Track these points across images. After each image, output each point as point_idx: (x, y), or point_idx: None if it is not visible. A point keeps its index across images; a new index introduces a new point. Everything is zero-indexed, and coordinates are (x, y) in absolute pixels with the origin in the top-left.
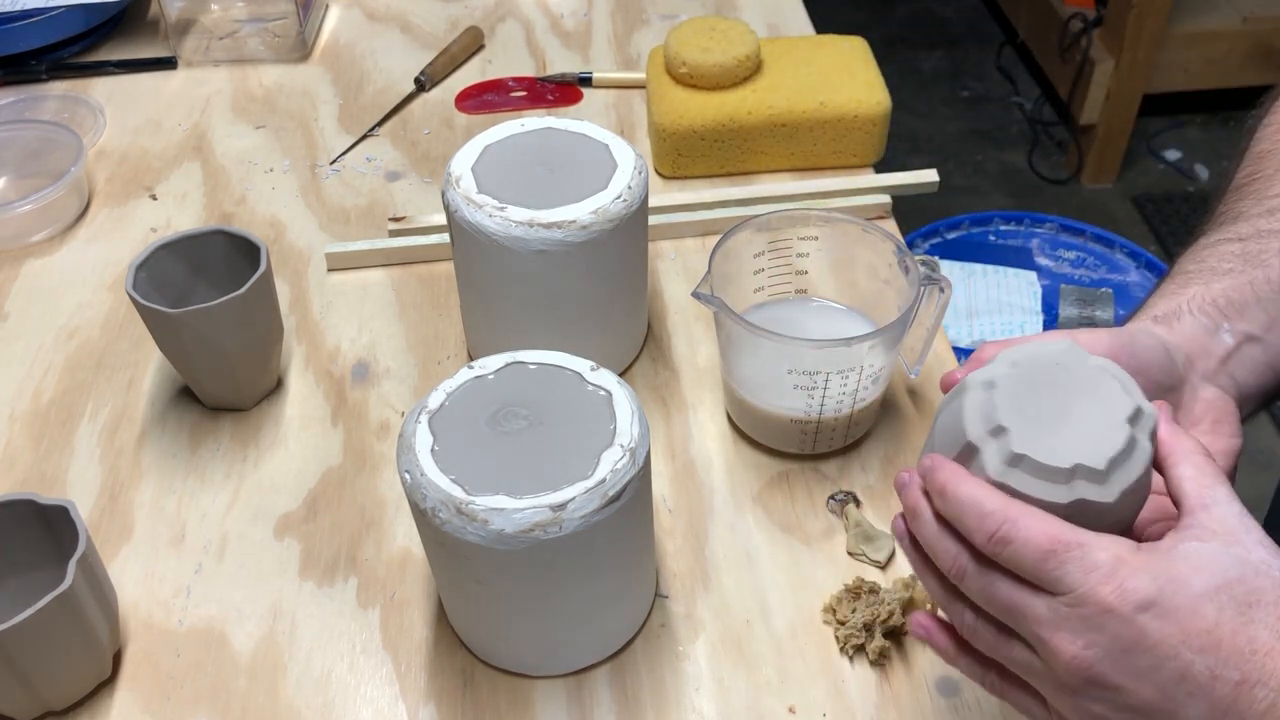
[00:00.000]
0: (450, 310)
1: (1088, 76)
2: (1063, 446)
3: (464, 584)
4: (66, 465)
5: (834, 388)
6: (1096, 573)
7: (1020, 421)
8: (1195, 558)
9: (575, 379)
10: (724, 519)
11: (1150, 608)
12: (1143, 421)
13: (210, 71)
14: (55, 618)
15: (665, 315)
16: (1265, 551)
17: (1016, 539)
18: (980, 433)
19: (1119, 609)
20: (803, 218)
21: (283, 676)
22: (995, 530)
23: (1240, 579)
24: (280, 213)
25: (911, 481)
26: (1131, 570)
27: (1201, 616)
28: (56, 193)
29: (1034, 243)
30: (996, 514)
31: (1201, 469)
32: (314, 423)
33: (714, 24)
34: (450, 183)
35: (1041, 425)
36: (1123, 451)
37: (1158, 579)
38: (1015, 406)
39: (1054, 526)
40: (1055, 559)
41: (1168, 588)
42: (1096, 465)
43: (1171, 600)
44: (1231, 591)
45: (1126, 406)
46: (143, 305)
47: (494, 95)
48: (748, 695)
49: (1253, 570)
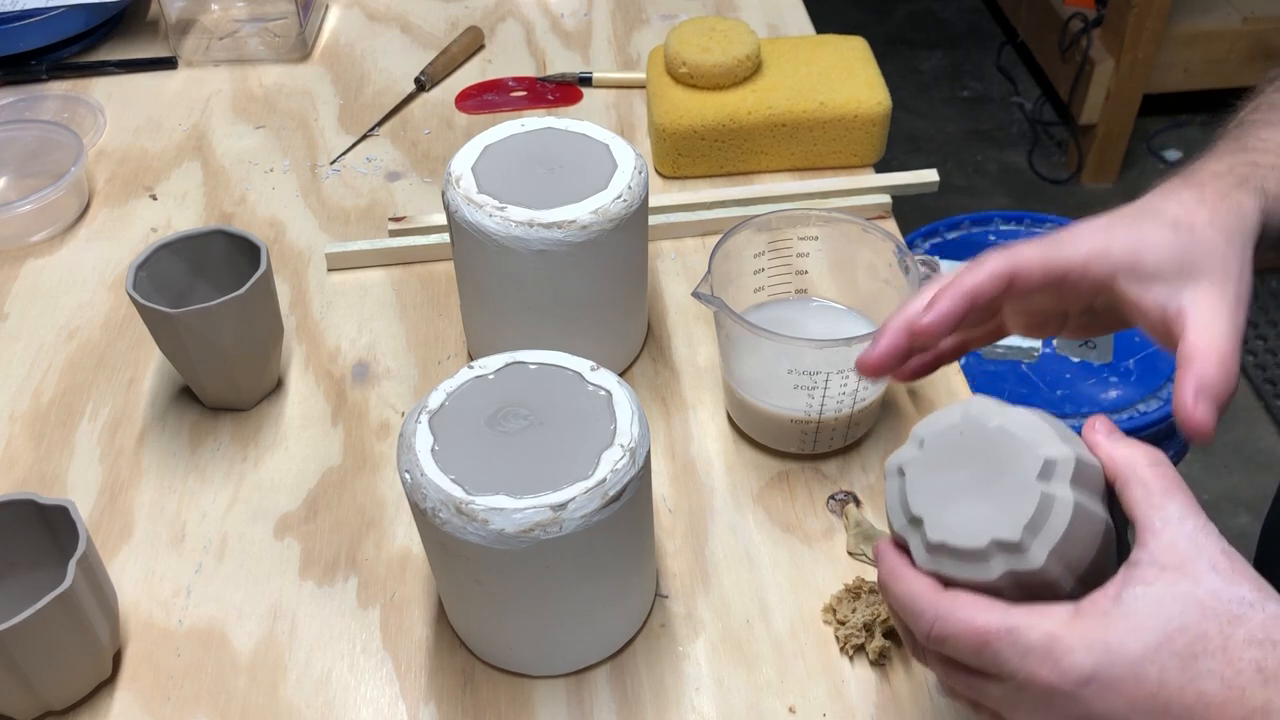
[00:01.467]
0: (450, 310)
1: (1088, 76)
2: (977, 524)
3: (464, 584)
4: (66, 465)
5: (834, 388)
6: (1031, 656)
7: (933, 507)
8: (1135, 613)
9: (575, 379)
10: (724, 519)
11: (1090, 683)
12: (1057, 470)
13: (210, 71)
14: (55, 618)
15: (665, 315)
16: (1217, 579)
17: (949, 636)
18: (902, 524)
19: (1061, 688)
20: (803, 218)
21: (283, 676)
22: (929, 630)
23: (1183, 628)
24: (280, 213)
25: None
26: (1066, 648)
27: (1143, 681)
28: (56, 193)
29: None
30: (927, 613)
31: (1149, 486)
32: (314, 423)
33: (714, 24)
34: (450, 183)
35: (955, 506)
36: (1038, 512)
37: (1093, 651)
38: (927, 490)
39: (981, 617)
40: (988, 650)
41: (1104, 660)
42: (1011, 537)
43: (1110, 671)
44: (1173, 647)
45: (1034, 463)
46: (143, 305)
47: (494, 95)
48: (748, 695)
49: (1198, 612)
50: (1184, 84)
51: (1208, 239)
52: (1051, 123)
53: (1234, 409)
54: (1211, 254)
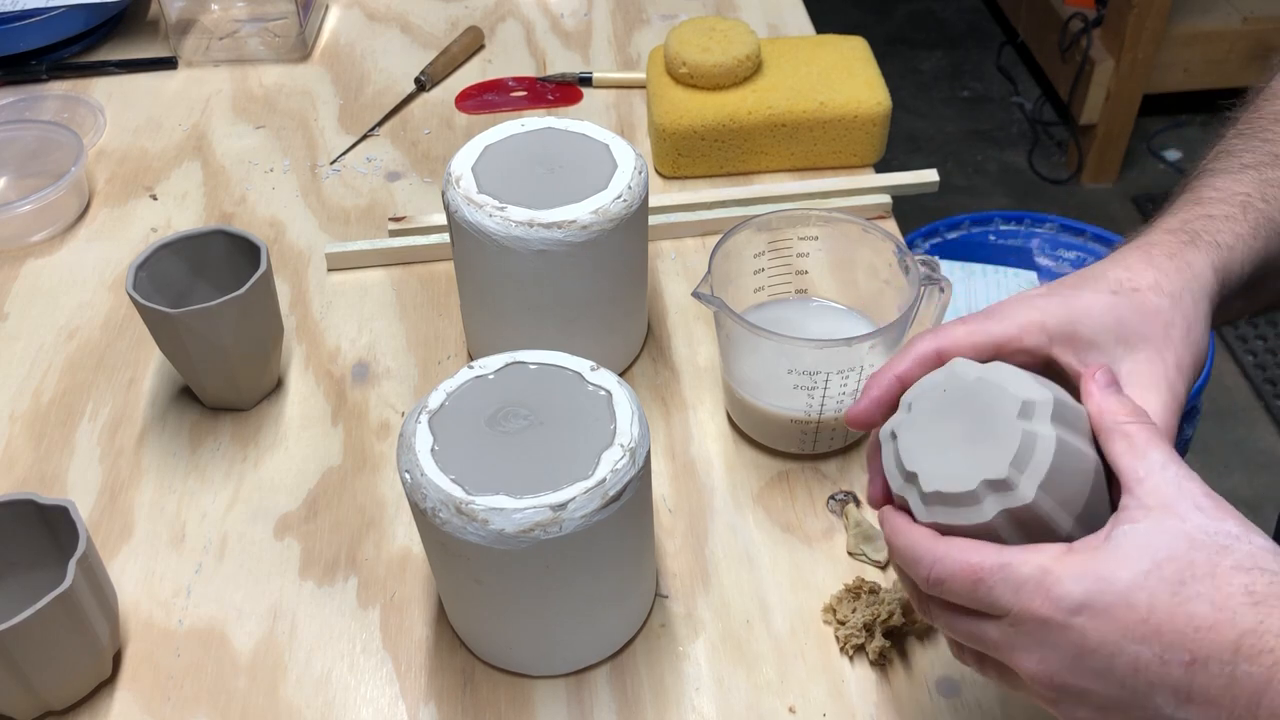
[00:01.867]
0: (450, 310)
1: (1088, 76)
2: (966, 469)
3: (464, 584)
4: (66, 465)
5: (834, 388)
6: (1024, 589)
7: (926, 460)
8: (1123, 546)
9: (575, 379)
10: (724, 519)
11: (1082, 611)
12: (1037, 410)
13: (210, 71)
14: (55, 618)
15: (665, 315)
16: (1202, 516)
17: (946, 576)
18: (900, 484)
19: (1054, 618)
20: (803, 218)
21: (283, 676)
22: (928, 574)
23: (1170, 557)
24: (280, 213)
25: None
26: (1056, 579)
27: (1134, 608)
28: (56, 193)
29: (1034, 243)
30: (925, 558)
31: (1132, 438)
32: (314, 423)
33: (714, 24)
34: (450, 183)
35: (944, 456)
36: (1021, 449)
37: (1083, 580)
38: (919, 446)
39: (974, 555)
40: (983, 586)
41: (1094, 587)
42: (998, 475)
43: (1101, 599)
44: (1161, 574)
45: (1013, 405)
46: (143, 305)
47: (494, 95)
48: (748, 695)
49: (1185, 543)
50: (1184, 84)
51: (1150, 303)
52: (1051, 123)
53: (1234, 409)
54: (1153, 319)
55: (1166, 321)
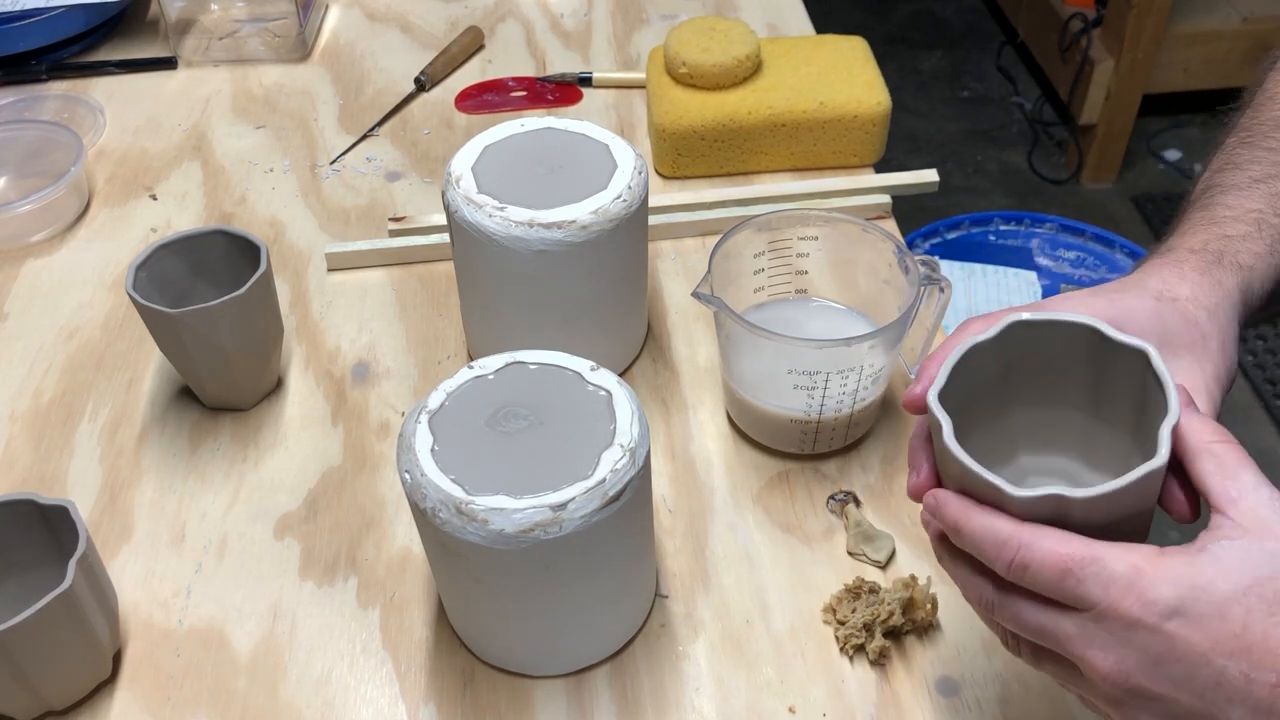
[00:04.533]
0: (450, 310)
1: (1088, 76)
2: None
3: (464, 584)
4: (66, 465)
5: (834, 388)
6: (1115, 586)
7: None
8: (1222, 558)
9: (575, 379)
10: (724, 519)
11: (1174, 616)
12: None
13: (210, 71)
14: (55, 618)
15: (665, 315)
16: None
17: (1033, 562)
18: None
19: (1144, 620)
20: (803, 218)
21: (283, 676)
22: (1012, 558)
23: (1271, 576)
24: (280, 213)
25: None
26: (1151, 581)
27: (1229, 621)
28: (56, 193)
29: (1034, 243)
30: (1010, 541)
31: (1222, 459)
32: (314, 423)
33: (714, 24)
34: (450, 183)
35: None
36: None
37: (1179, 586)
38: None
39: (1067, 545)
40: (1072, 577)
41: (1190, 594)
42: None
43: (1195, 607)
44: (1260, 591)
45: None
46: (143, 305)
47: (494, 95)
48: (748, 695)
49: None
50: (1184, 84)
51: (1190, 314)
52: (1051, 123)
53: (1234, 409)
54: (1192, 329)
55: (1205, 334)
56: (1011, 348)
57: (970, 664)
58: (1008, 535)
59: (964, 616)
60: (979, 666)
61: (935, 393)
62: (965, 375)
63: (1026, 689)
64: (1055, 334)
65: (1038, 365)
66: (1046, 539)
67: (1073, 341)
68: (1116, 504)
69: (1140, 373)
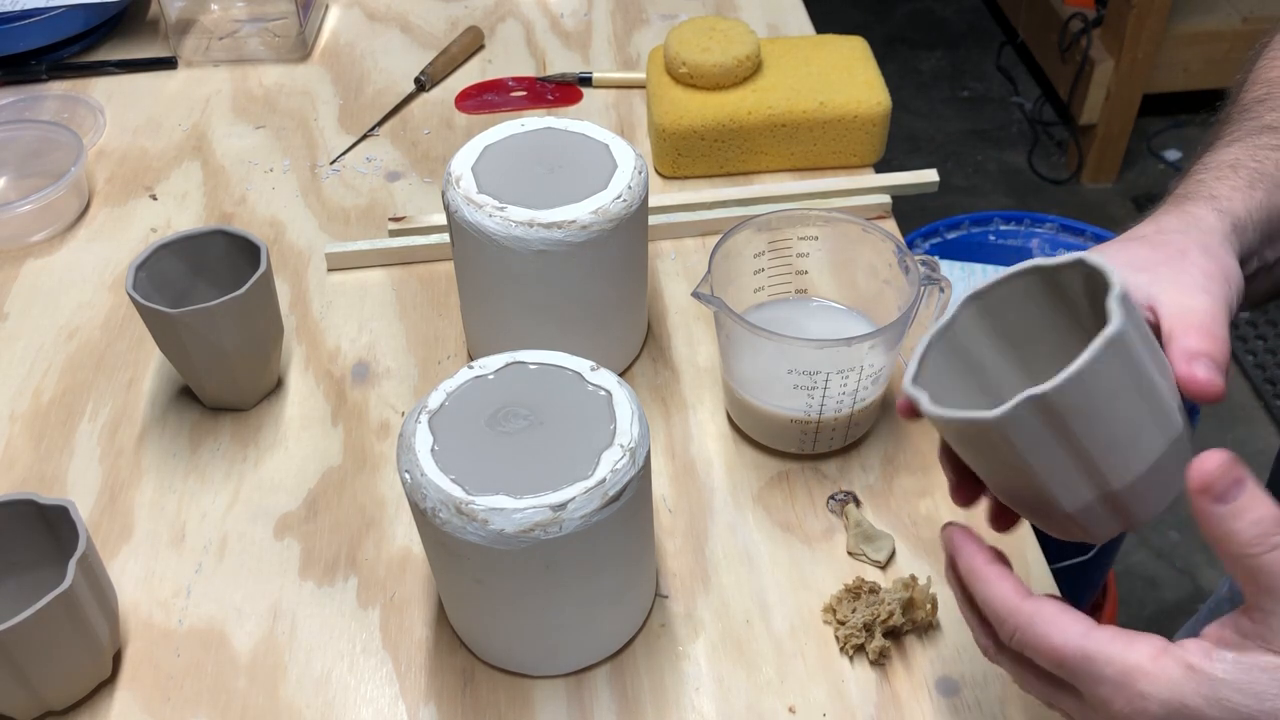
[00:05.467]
0: (450, 310)
1: (1088, 76)
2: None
3: (464, 584)
4: (66, 465)
5: (834, 388)
6: (1104, 687)
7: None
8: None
9: (575, 379)
10: (724, 519)
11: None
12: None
13: (210, 71)
14: (55, 618)
15: (665, 315)
16: None
17: (1029, 645)
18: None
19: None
20: (803, 218)
21: (283, 676)
22: (1012, 635)
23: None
24: (280, 213)
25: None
26: (1141, 692)
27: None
28: (56, 193)
29: (1034, 243)
30: (1008, 621)
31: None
32: (314, 423)
33: (714, 24)
34: (450, 183)
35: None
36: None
37: (1167, 705)
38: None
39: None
40: (1066, 670)
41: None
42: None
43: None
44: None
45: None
46: (143, 305)
47: (494, 95)
48: (748, 695)
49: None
50: (1184, 84)
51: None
52: (1051, 123)
53: (1234, 409)
54: (1166, 248)
55: (1180, 247)
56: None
57: (970, 664)
58: (1007, 612)
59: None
60: (979, 666)
61: (909, 378)
62: (949, 363)
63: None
64: (1009, 293)
65: (1017, 327)
66: (1044, 624)
67: (1029, 292)
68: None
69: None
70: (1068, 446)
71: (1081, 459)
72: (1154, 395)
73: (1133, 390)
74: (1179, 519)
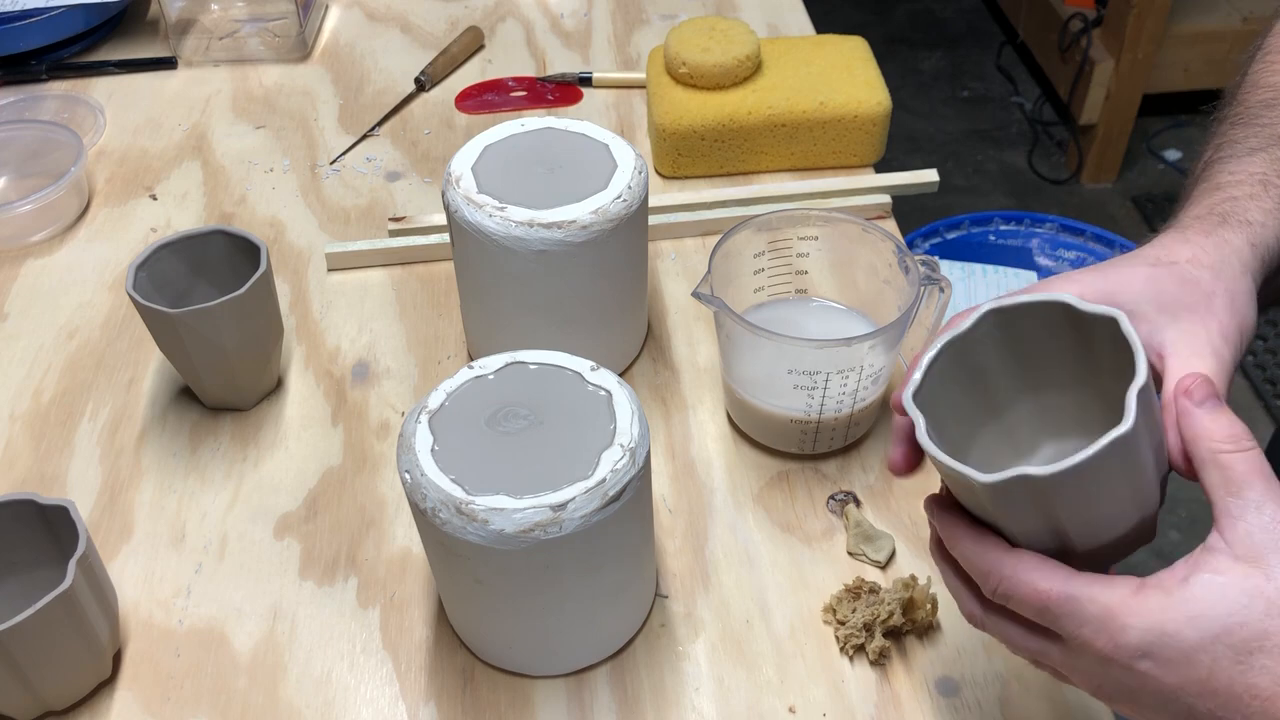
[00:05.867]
0: (450, 310)
1: (1088, 76)
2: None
3: (464, 584)
4: (66, 465)
5: (834, 388)
6: (1088, 626)
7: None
8: (1197, 600)
9: (575, 379)
10: (724, 519)
11: (1144, 658)
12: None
13: (210, 71)
14: (55, 618)
15: (665, 315)
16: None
17: (1013, 595)
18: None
19: (1115, 658)
20: (803, 218)
21: (283, 676)
22: (995, 587)
23: (1244, 623)
24: (280, 213)
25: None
26: (1122, 625)
27: (1195, 666)
28: (56, 193)
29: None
30: (993, 573)
31: (1229, 469)
32: (314, 423)
33: (714, 24)
34: (450, 183)
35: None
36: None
37: (1149, 632)
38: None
39: (1044, 581)
40: (1049, 614)
41: (1159, 640)
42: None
43: (1163, 653)
44: (1230, 639)
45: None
46: (143, 305)
47: (494, 95)
48: (748, 695)
49: (1263, 608)
50: (1184, 84)
51: (1189, 274)
52: (1051, 123)
53: (1234, 409)
54: (1193, 288)
55: (1208, 291)
56: (995, 337)
57: (970, 664)
58: (990, 565)
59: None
60: (979, 666)
61: (909, 393)
62: (956, 371)
63: (1026, 689)
64: (1033, 317)
65: (1033, 351)
66: (1027, 572)
67: (1051, 321)
68: (1090, 479)
69: (1116, 341)
70: (1045, 517)
71: (1054, 526)
72: (1141, 483)
73: (1124, 483)
74: (1180, 520)
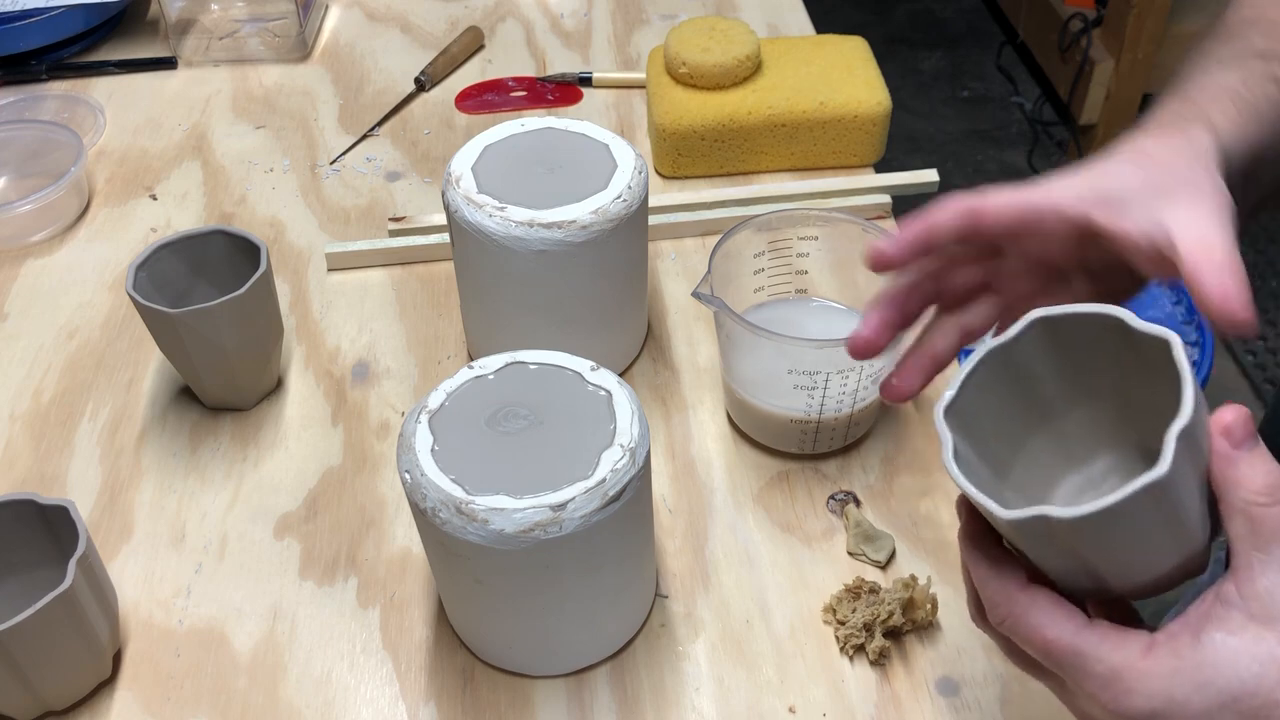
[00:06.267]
0: (450, 310)
1: (1088, 76)
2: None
3: (464, 584)
4: (66, 465)
5: (834, 388)
6: (1092, 683)
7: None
8: (1208, 665)
9: (575, 379)
10: (724, 519)
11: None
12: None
13: (210, 71)
14: (55, 618)
15: (665, 315)
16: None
17: (1018, 634)
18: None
19: (1118, 715)
20: (803, 218)
21: (283, 676)
22: (1002, 620)
23: (1254, 693)
24: (280, 213)
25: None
26: (1126, 689)
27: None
28: (56, 193)
29: None
30: (1001, 607)
31: (1258, 522)
32: (314, 423)
33: (714, 24)
34: (450, 183)
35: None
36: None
37: (1155, 698)
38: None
39: (1054, 629)
40: (1052, 661)
41: (1165, 708)
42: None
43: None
44: (1239, 708)
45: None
46: (143, 305)
47: (494, 95)
48: (748, 695)
49: (1276, 676)
50: None
51: (1167, 162)
52: (1051, 123)
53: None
54: (1175, 174)
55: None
56: (1042, 344)
57: (970, 664)
58: (1001, 598)
59: (964, 616)
60: (979, 666)
61: (942, 408)
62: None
63: (1026, 689)
64: (1081, 326)
65: (1082, 360)
66: (1036, 615)
67: (1102, 333)
68: (1118, 523)
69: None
70: (1071, 556)
71: (1082, 565)
72: (1182, 524)
73: (1159, 527)
74: None
